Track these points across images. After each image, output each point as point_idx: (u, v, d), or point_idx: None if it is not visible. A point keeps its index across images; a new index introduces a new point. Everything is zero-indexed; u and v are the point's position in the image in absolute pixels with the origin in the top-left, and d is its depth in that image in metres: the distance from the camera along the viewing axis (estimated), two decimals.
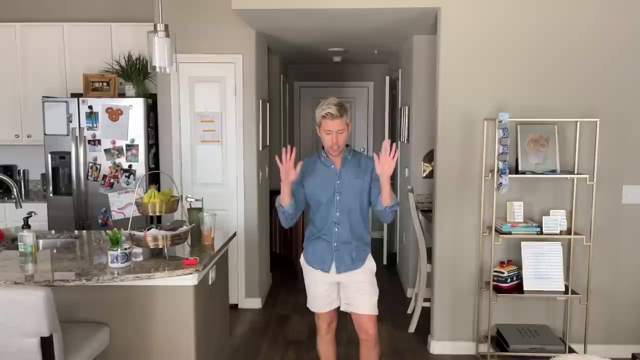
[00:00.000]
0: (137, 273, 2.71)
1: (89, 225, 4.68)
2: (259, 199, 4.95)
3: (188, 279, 2.79)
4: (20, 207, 3.33)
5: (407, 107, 5.42)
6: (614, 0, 3.80)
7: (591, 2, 3.81)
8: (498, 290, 3.77)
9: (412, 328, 4.50)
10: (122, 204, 4.65)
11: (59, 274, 2.73)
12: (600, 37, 3.82)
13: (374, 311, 3.06)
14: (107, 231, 3.00)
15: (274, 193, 6.17)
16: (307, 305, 3.20)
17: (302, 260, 3.15)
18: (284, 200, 2.90)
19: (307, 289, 3.16)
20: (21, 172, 5.42)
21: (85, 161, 4.64)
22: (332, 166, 3.00)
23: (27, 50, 5.02)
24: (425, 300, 4.38)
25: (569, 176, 3.78)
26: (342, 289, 3.08)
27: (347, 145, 3.01)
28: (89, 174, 4.65)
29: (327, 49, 6.07)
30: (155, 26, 2.99)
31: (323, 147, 3.03)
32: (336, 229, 2.99)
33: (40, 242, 3.38)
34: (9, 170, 5.36)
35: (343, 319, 3.18)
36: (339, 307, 3.14)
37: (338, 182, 2.97)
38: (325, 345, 3.23)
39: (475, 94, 3.89)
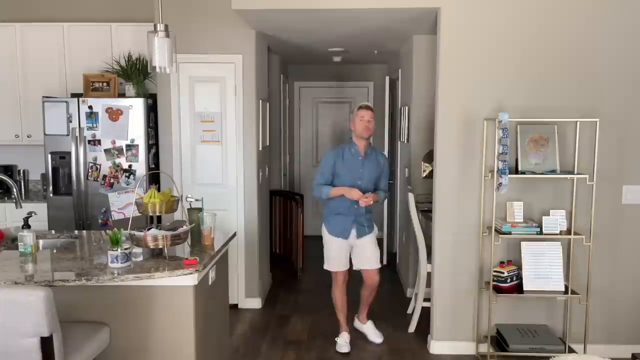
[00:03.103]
0: (137, 273, 2.71)
1: (89, 225, 4.68)
2: (259, 199, 4.95)
3: (188, 279, 2.79)
4: (20, 207, 3.33)
5: (407, 107, 5.42)
6: (613, 1, 3.80)
7: (591, 2, 3.81)
8: (498, 290, 3.77)
9: (412, 328, 4.50)
10: (122, 204, 4.66)
11: (59, 274, 2.73)
12: (600, 37, 3.82)
13: (378, 265, 4.15)
14: (107, 231, 3.01)
15: (274, 193, 6.22)
16: (325, 267, 4.15)
17: (324, 230, 4.13)
18: (333, 195, 4.02)
19: (326, 253, 4.13)
20: (21, 172, 5.42)
21: (85, 161, 4.64)
22: (359, 157, 4.03)
23: (27, 50, 5.03)
24: (425, 300, 4.38)
25: (568, 176, 3.78)
26: (354, 250, 4.12)
27: (369, 143, 4.11)
28: (89, 174, 4.65)
29: (327, 49, 6.07)
30: (155, 26, 2.99)
31: (351, 140, 4.08)
32: (356, 206, 4.00)
33: (40, 242, 3.38)
34: (9, 170, 5.36)
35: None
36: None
37: (361, 170, 4.02)
38: (341, 291, 4.16)
39: (475, 94, 3.89)
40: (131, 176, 4.65)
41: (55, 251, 3.25)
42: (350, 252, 4.14)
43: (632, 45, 3.82)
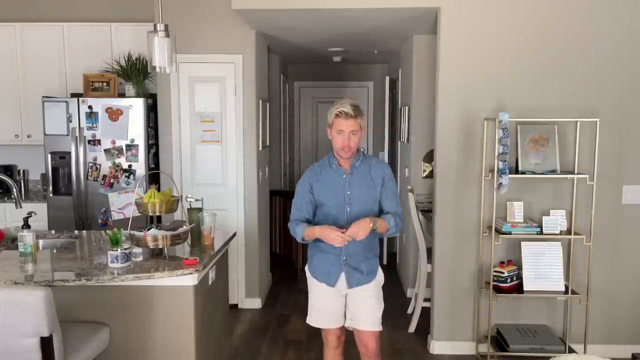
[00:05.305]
0: (137, 273, 2.71)
1: (89, 225, 4.68)
2: (259, 199, 4.95)
3: (188, 279, 2.79)
4: (20, 207, 3.33)
5: (407, 107, 5.42)
6: (612, 0, 3.80)
7: (591, 2, 3.81)
8: (498, 290, 3.77)
9: (412, 328, 4.50)
10: (122, 204, 4.65)
11: (59, 274, 2.73)
12: (601, 36, 3.82)
13: (377, 327, 2.92)
14: (107, 231, 3.00)
15: (274, 193, 6.21)
16: (307, 321, 3.00)
17: (307, 271, 3.01)
18: (308, 237, 2.84)
19: (310, 302, 3.00)
20: (21, 172, 5.42)
21: (85, 161, 4.64)
22: (344, 175, 2.84)
23: (27, 50, 5.02)
24: (425, 300, 4.38)
25: (569, 176, 3.78)
26: (347, 301, 2.93)
27: (357, 150, 2.86)
28: (89, 174, 4.65)
29: (327, 49, 6.07)
30: (155, 26, 2.99)
31: (333, 152, 2.88)
32: (346, 243, 2.75)
33: (40, 242, 3.38)
34: (9, 170, 5.36)
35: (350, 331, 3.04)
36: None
37: (348, 192, 2.83)
38: (332, 357, 3.04)
39: (475, 94, 3.89)
40: (131, 176, 4.65)
41: (55, 251, 3.25)
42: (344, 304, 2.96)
43: (632, 45, 3.82)
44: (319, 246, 2.91)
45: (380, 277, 2.96)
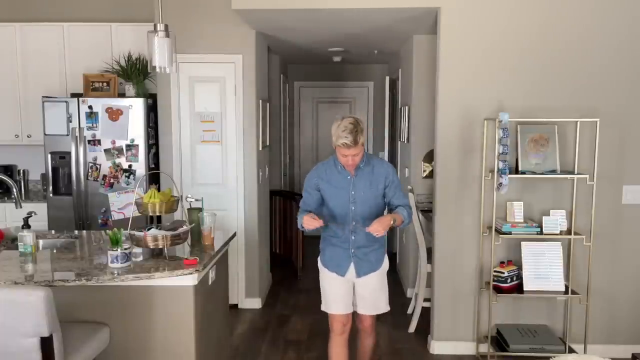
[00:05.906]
0: (137, 273, 2.71)
1: (89, 225, 4.68)
2: (259, 199, 4.95)
3: (188, 279, 2.79)
4: (20, 207, 3.33)
5: (407, 107, 5.42)
6: (613, 0, 3.80)
7: (592, 3, 3.81)
8: (498, 290, 3.77)
9: (412, 328, 4.50)
10: (122, 204, 4.65)
11: (59, 274, 2.73)
12: (601, 37, 3.82)
13: (379, 311, 3.20)
14: (107, 231, 3.01)
15: (274, 193, 6.21)
16: (322, 308, 3.21)
17: (319, 261, 3.23)
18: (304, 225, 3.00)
19: (322, 290, 3.21)
20: (21, 172, 5.42)
21: (85, 161, 4.64)
22: (349, 177, 3.05)
23: (27, 50, 5.02)
24: (425, 300, 4.38)
25: (569, 176, 3.78)
26: (355, 289, 3.17)
27: None
28: (89, 174, 4.65)
29: (327, 49, 6.07)
30: (155, 26, 2.99)
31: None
32: (353, 237, 3.07)
33: (40, 242, 3.38)
34: (9, 170, 5.36)
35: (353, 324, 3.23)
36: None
37: (352, 192, 3.04)
38: (338, 347, 3.19)
39: (475, 94, 3.89)
40: (131, 176, 4.65)
41: (55, 251, 3.25)
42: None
43: (632, 45, 3.82)
44: (329, 240, 3.16)
45: (385, 264, 3.21)
